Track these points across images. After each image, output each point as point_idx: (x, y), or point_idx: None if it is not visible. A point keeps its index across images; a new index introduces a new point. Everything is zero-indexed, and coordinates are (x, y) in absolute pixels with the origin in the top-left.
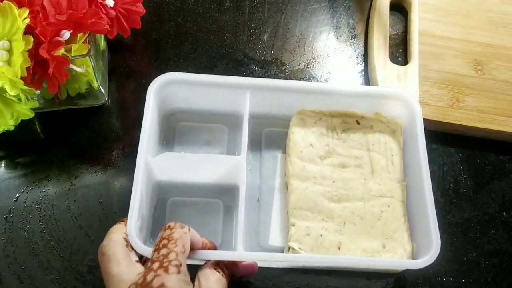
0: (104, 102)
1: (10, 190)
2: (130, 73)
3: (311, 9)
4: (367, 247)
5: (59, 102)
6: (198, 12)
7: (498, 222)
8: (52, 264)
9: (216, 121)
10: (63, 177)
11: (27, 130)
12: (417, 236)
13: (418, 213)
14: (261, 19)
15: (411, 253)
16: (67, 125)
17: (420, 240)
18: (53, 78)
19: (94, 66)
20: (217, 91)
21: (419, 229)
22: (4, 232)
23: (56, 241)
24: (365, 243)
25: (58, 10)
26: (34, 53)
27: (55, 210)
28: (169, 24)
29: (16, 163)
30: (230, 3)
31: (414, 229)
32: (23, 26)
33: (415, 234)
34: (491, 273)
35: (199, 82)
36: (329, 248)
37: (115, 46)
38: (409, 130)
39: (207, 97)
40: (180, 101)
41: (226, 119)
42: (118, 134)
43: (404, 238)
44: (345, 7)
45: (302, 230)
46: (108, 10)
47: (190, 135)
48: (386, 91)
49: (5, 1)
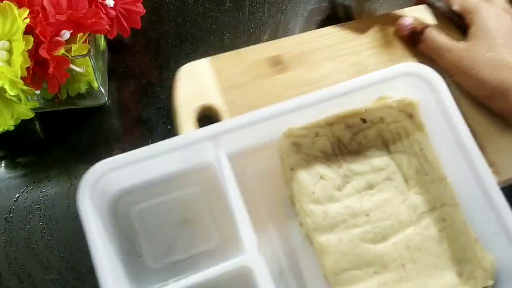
0: (104, 102)
1: (10, 190)
2: (130, 73)
3: (311, 9)
4: (443, 284)
5: (59, 102)
6: (198, 12)
7: None
8: (52, 264)
9: (184, 185)
10: (63, 177)
11: (27, 130)
12: (490, 244)
13: (482, 216)
14: (261, 19)
15: (493, 268)
16: (67, 125)
17: (496, 250)
18: (53, 78)
19: (94, 66)
20: (170, 157)
21: (491, 236)
22: (4, 232)
23: (56, 241)
24: (438, 280)
25: (58, 10)
26: (34, 53)
27: (55, 210)
28: (169, 24)
29: (16, 163)
30: (230, 3)
31: (484, 237)
32: (23, 26)
33: (487, 242)
34: None
35: (139, 159)
36: None
37: (115, 46)
38: (430, 110)
39: (159, 167)
40: (124, 182)
41: (197, 177)
42: (118, 134)
43: (478, 253)
44: (345, 7)
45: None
46: (108, 10)
47: (154, 220)
48: (392, 71)
49: (5, 1)
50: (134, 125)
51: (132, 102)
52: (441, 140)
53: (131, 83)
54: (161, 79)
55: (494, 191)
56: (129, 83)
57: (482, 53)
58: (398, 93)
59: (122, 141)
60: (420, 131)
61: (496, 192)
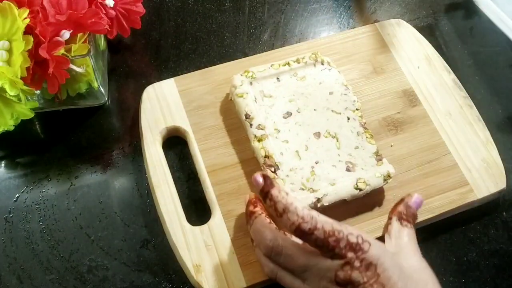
0: (104, 102)
1: (10, 190)
2: (130, 73)
3: (311, 9)
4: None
5: (59, 102)
6: (198, 12)
7: (498, 222)
8: (52, 264)
9: None
10: (63, 177)
11: (27, 130)
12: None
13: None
14: (261, 19)
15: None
16: (67, 125)
17: None
18: (53, 78)
19: (94, 66)
20: None
21: None
22: (4, 232)
23: (56, 241)
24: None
25: (58, 10)
26: (34, 53)
27: (55, 210)
28: (169, 24)
29: (16, 163)
30: (230, 3)
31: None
32: (23, 26)
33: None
34: (491, 273)
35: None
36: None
37: (115, 46)
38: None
39: None
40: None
41: None
42: (118, 134)
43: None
44: (345, 7)
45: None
46: (108, 10)
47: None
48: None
49: (5, 1)
50: (134, 125)
51: (132, 102)
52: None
53: (131, 83)
54: (161, 79)
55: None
56: (129, 83)
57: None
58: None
59: (122, 141)
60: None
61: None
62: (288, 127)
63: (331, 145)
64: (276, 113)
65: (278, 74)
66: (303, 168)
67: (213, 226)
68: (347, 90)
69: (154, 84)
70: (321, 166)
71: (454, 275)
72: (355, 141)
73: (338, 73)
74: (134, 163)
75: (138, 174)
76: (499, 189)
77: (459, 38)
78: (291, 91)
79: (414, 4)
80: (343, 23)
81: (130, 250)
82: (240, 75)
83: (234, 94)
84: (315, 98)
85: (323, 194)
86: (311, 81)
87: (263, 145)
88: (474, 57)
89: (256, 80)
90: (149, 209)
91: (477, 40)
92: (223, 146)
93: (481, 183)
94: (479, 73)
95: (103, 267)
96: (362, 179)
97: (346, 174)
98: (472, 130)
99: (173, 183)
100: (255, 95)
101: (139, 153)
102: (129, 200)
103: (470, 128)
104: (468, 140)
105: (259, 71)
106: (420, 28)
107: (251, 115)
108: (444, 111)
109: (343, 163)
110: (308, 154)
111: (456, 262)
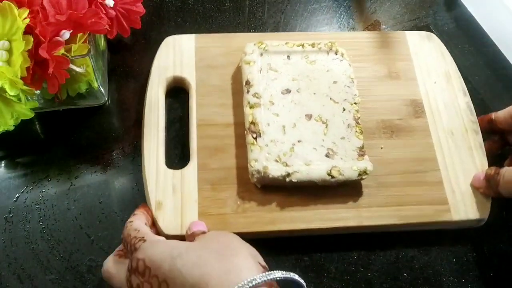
0: (104, 102)
1: (10, 190)
2: (130, 73)
3: (311, 9)
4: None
5: (59, 102)
6: (198, 12)
7: (498, 222)
8: (52, 264)
9: None
10: (63, 177)
11: (27, 130)
12: None
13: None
14: (261, 19)
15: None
16: (67, 125)
17: None
18: (53, 78)
19: (94, 66)
20: None
21: None
22: (4, 232)
23: (56, 241)
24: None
25: (58, 10)
26: (34, 53)
27: (55, 210)
28: (169, 24)
29: (16, 163)
30: (230, 3)
31: None
32: (23, 26)
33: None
34: (491, 273)
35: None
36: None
37: (115, 46)
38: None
39: None
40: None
41: None
42: (118, 134)
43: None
44: (345, 7)
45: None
46: (108, 10)
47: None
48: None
49: (5, 1)
50: (134, 125)
51: (132, 102)
52: None
53: (131, 83)
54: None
55: None
56: (129, 83)
57: None
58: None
59: (122, 141)
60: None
61: None
62: (283, 102)
63: (319, 130)
64: (276, 87)
65: (290, 52)
66: (284, 142)
67: (186, 173)
68: (351, 83)
69: (175, 35)
70: (302, 145)
71: (454, 275)
72: (343, 131)
73: (348, 66)
74: (134, 163)
75: (138, 174)
76: (478, 218)
77: (459, 38)
78: (297, 71)
79: (414, 4)
80: (343, 23)
81: None
82: (253, 44)
83: (242, 59)
84: (318, 83)
85: (294, 171)
86: (319, 66)
87: (252, 112)
88: (474, 57)
89: (267, 53)
90: None
91: (477, 40)
92: (219, 106)
93: (461, 207)
94: (479, 73)
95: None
96: (337, 168)
97: (323, 159)
98: (470, 155)
99: (163, 126)
100: (261, 65)
101: (139, 153)
102: (129, 200)
103: (469, 153)
104: (463, 162)
105: (272, 45)
106: (420, 28)
107: (251, 82)
108: (447, 129)
109: (324, 149)
110: (293, 132)
111: (456, 262)
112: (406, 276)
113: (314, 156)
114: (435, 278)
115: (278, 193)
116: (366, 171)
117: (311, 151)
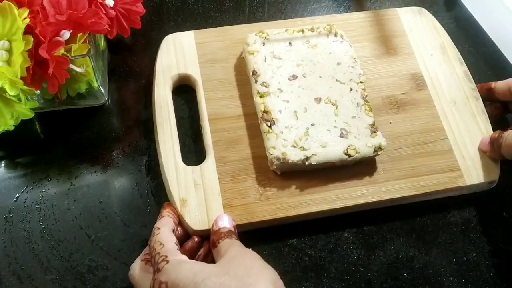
0: (104, 102)
1: (10, 190)
2: (130, 73)
3: (311, 9)
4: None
5: (59, 102)
6: (198, 12)
7: (498, 222)
8: (52, 264)
9: None
10: (63, 177)
11: (27, 130)
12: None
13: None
14: (261, 19)
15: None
16: (67, 125)
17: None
18: (53, 78)
19: (94, 66)
20: None
21: None
22: (4, 232)
23: (56, 241)
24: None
25: (58, 10)
26: (34, 53)
27: (55, 210)
28: (169, 24)
29: (16, 163)
30: (230, 3)
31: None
32: (23, 26)
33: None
34: (491, 273)
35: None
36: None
37: (115, 46)
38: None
39: None
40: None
41: None
42: (118, 134)
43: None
44: (345, 7)
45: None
46: (108, 10)
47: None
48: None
49: (5, 1)
50: (134, 125)
51: (132, 102)
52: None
53: (131, 83)
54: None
55: None
56: (129, 83)
57: None
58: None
59: (122, 141)
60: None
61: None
62: (291, 88)
63: (330, 111)
64: (283, 74)
65: (291, 39)
66: (299, 127)
67: (205, 169)
68: (354, 63)
69: (174, 33)
70: (316, 128)
71: (454, 275)
72: (353, 111)
73: (349, 46)
74: (134, 163)
75: (138, 174)
76: (490, 180)
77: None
78: (301, 57)
79: (414, 4)
80: None
81: (130, 250)
82: (255, 34)
83: (246, 51)
84: (322, 66)
85: (312, 154)
86: (321, 50)
87: (263, 101)
88: (474, 57)
89: (269, 42)
90: (149, 209)
91: (477, 40)
92: (228, 98)
93: (472, 171)
94: (479, 73)
95: (103, 267)
96: (353, 146)
97: (338, 139)
98: (474, 121)
99: (175, 124)
100: (265, 54)
101: (139, 153)
102: (129, 200)
103: (473, 119)
104: (468, 129)
105: (273, 34)
106: None
107: (258, 72)
108: (449, 99)
109: (337, 129)
110: (305, 116)
111: (456, 262)
112: (406, 276)
113: (329, 138)
114: (435, 278)
115: (296, 178)
116: (381, 146)
117: (325, 133)
